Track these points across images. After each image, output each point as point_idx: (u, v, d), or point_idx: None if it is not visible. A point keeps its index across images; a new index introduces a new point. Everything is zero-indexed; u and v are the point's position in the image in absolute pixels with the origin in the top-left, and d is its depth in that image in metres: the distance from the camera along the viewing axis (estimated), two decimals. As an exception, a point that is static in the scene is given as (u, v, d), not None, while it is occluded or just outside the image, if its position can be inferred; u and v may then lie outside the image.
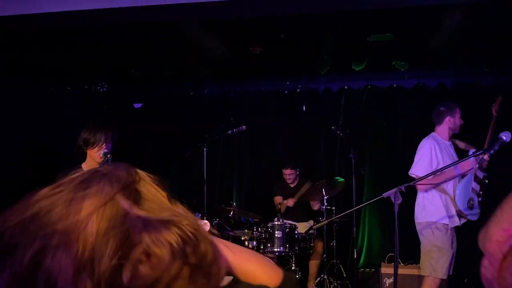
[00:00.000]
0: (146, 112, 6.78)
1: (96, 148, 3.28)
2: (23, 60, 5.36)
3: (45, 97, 5.91)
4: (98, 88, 6.30)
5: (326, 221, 4.70)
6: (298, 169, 5.97)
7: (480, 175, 4.24)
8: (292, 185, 6.00)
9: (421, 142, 4.40)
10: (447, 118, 4.37)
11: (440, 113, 4.41)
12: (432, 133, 4.45)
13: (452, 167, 3.94)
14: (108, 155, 3.23)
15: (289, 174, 5.90)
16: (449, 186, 4.24)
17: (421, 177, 3.80)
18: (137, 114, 6.81)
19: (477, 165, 4.06)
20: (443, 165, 4.12)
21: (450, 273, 4.21)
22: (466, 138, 5.14)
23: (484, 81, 5.98)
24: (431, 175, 3.89)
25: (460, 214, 4.20)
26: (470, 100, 5.89)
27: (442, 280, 4.11)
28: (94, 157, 3.29)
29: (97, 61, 5.67)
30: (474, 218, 4.19)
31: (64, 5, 3.84)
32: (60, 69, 5.72)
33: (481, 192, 4.18)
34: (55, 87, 6.03)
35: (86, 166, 3.35)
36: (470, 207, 4.15)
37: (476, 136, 4.82)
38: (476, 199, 4.17)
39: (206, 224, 0.97)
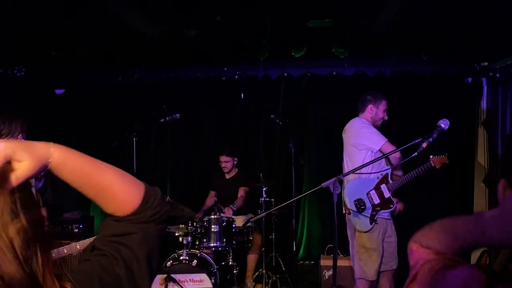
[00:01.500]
0: (69, 99, 6.24)
1: (10, 139, 2.85)
2: None
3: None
4: (15, 72, 5.70)
5: (264, 214, 4.48)
6: (235, 159, 5.78)
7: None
8: (228, 176, 5.79)
9: (353, 124, 4.32)
10: (370, 107, 4.31)
11: (365, 101, 4.35)
12: (356, 118, 4.37)
13: (391, 154, 3.85)
14: None
15: (225, 162, 5.69)
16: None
17: (359, 166, 3.65)
18: (59, 101, 6.26)
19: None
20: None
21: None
22: (405, 126, 5.12)
23: (423, 70, 5.98)
24: (372, 163, 3.81)
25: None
26: (409, 89, 5.93)
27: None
28: None
29: (14, 41, 5.10)
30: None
31: None
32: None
33: (377, 208, 4.04)
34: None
35: None
36: (359, 210, 4.04)
37: (415, 124, 4.79)
38: (368, 205, 4.03)
39: None
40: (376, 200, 4.03)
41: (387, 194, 4.05)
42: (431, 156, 4.08)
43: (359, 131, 4.23)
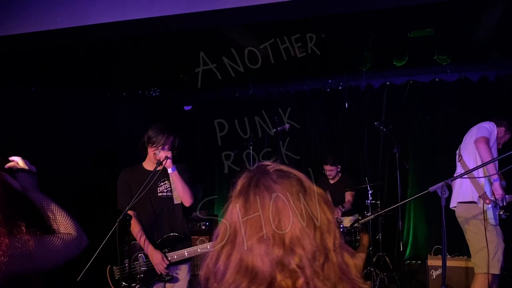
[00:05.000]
0: (195, 114, 7.10)
1: (153, 148, 3.42)
2: (81, 70, 5.74)
3: (103, 103, 6.30)
4: (151, 92, 6.64)
5: (372, 216, 4.76)
6: (339, 166, 6.05)
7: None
8: (332, 181, 6.10)
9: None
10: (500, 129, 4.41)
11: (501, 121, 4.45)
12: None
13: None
14: (163, 160, 3.33)
15: (329, 170, 5.98)
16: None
17: (467, 170, 3.83)
18: (187, 116, 7.13)
19: None
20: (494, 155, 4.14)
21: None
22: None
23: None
24: (481, 166, 3.90)
25: None
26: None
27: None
28: (150, 156, 3.46)
29: (149, 67, 5.99)
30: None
31: (116, 16, 4.00)
32: (115, 76, 6.10)
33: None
34: (112, 94, 6.42)
35: (146, 164, 3.54)
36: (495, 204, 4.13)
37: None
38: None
39: None
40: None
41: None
42: None
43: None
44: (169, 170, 3.40)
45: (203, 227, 5.84)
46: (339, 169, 6.07)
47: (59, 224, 1.75)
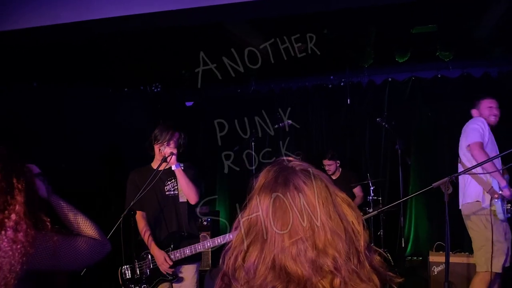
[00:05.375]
0: (197, 110, 7.10)
1: (159, 144, 3.42)
2: (83, 66, 5.74)
3: (105, 99, 6.30)
4: (153, 88, 6.64)
5: (375, 212, 4.73)
6: (338, 161, 5.96)
7: None
8: (334, 177, 6.03)
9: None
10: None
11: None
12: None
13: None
14: (168, 157, 3.32)
15: (328, 165, 5.90)
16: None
17: (473, 165, 3.79)
18: (189, 112, 7.14)
19: None
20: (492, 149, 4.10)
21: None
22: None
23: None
24: (486, 162, 3.76)
25: None
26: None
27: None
28: (157, 154, 3.46)
29: (151, 63, 5.98)
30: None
31: (117, 11, 4.01)
32: (117, 72, 6.09)
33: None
34: (114, 89, 6.41)
35: (154, 164, 3.51)
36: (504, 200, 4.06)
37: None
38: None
39: None
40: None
41: None
42: None
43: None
44: (173, 167, 3.38)
45: (205, 222, 5.85)
46: (338, 164, 5.98)
47: (82, 228, 1.73)
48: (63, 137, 5.60)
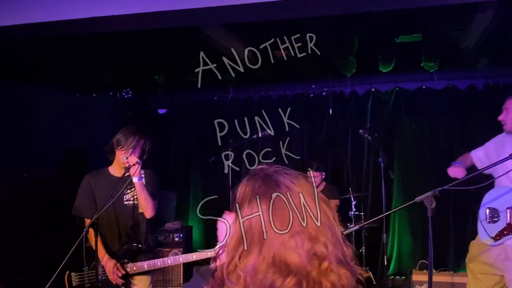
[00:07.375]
0: (170, 118, 6.78)
1: (123, 151, 3.21)
2: (49, 67, 5.42)
3: (72, 103, 6.00)
4: (123, 94, 6.32)
5: (356, 227, 4.53)
6: (323, 173, 5.73)
7: None
8: (318, 190, 5.85)
9: None
10: None
11: None
12: None
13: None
14: (133, 165, 3.14)
15: (313, 177, 5.73)
16: None
17: (457, 180, 3.53)
18: (162, 120, 6.81)
19: None
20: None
21: None
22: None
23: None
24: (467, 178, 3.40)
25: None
26: (503, 102, 5.69)
27: None
28: (119, 159, 3.24)
29: (122, 67, 5.69)
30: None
31: (87, 12, 3.83)
32: (86, 76, 5.76)
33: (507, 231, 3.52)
34: (81, 94, 6.09)
35: (112, 169, 3.35)
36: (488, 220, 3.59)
37: None
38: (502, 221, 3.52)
39: None
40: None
41: None
42: None
43: None
44: (134, 179, 3.18)
45: (177, 238, 5.50)
46: (323, 177, 5.74)
47: None
48: (24, 143, 5.28)
